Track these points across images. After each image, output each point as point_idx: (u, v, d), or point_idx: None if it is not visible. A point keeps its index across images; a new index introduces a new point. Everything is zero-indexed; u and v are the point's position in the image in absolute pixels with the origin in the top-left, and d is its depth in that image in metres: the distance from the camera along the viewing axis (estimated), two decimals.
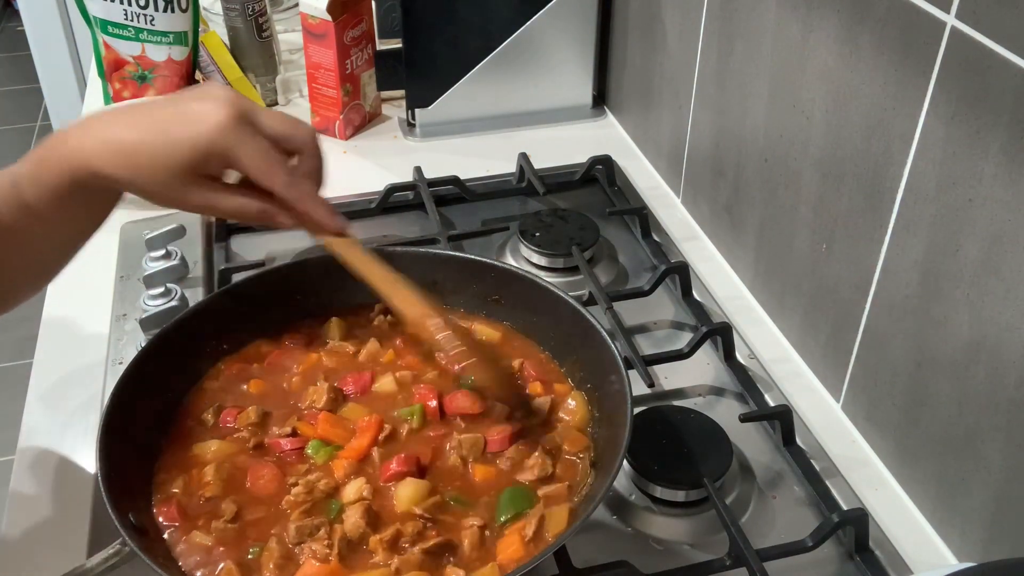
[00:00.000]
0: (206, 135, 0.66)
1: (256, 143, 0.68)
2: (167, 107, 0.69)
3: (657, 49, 1.21)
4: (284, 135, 0.70)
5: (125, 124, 0.68)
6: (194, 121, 0.66)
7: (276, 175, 0.69)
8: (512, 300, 0.84)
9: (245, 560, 0.66)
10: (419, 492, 0.70)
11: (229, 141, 0.66)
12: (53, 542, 0.79)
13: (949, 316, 0.74)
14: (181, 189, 0.68)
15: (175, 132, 0.67)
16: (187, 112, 0.67)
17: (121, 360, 0.94)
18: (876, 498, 0.83)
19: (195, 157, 0.67)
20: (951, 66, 0.70)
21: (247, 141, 0.67)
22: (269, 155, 0.69)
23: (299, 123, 0.72)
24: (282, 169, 0.70)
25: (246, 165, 0.68)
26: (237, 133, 0.66)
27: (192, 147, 0.66)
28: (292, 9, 1.60)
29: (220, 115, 0.66)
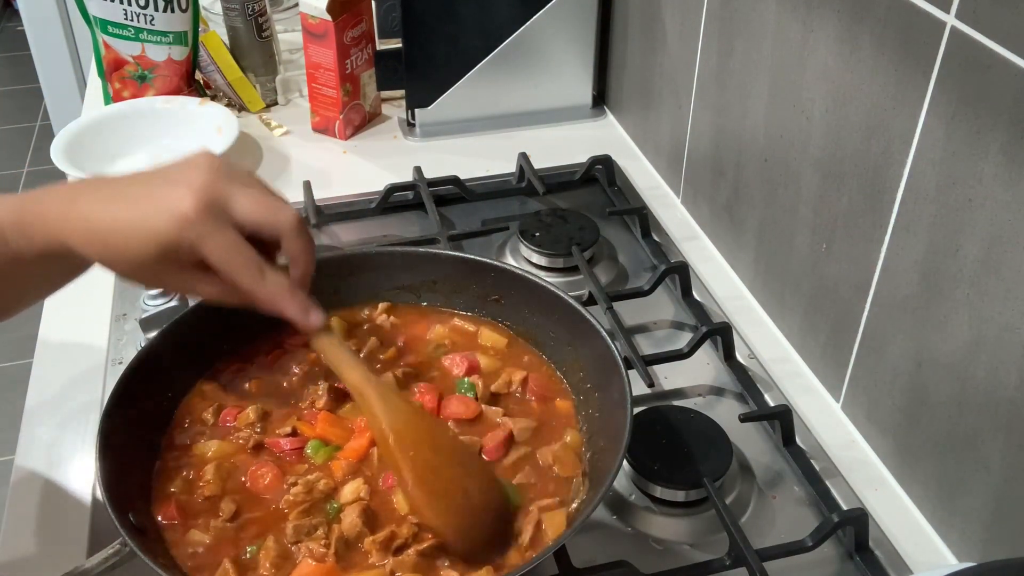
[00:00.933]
0: (172, 229, 0.63)
1: (223, 237, 0.64)
2: (141, 188, 0.66)
3: (657, 49, 1.21)
4: (259, 223, 0.66)
5: (101, 204, 0.65)
6: (162, 210, 0.63)
7: (241, 273, 0.65)
8: (512, 300, 0.84)
9: (242, 559, 0.66)
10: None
11: (194, 235, 0.63)
12: (53, 542, 0.79)
13: (949, 316, 0.74)
14: (155, 275, 0.66)
15: (143, 222, 0.63)
16: (158, 199, 0.64)
17: (121, 360, 0.94)
18: (876, 498, 0.83)
19: (160, 250, 0.63)
20: (951, 66, 0.70)
21: (213, 235, 0.63)
22: (235, 253, 0.65)
23: (278, 206, 0.67)
24: (248, 266, 0.65)
25: (212, 261, 0.64)
26: (203, 226, 0.63)
27: (157, 241, 0.63)
28: (292, 9, 1.60)
29: (187, 206, 0.62)
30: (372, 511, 0.69)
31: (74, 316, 1.03)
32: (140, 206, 0.64)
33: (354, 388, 0.71)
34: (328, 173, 1.27)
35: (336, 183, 1.25)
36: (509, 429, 0.75)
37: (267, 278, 0.67)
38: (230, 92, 1.40)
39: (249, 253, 0.66)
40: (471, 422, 0.76)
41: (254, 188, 0.67)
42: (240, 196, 0.65)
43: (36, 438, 0.88)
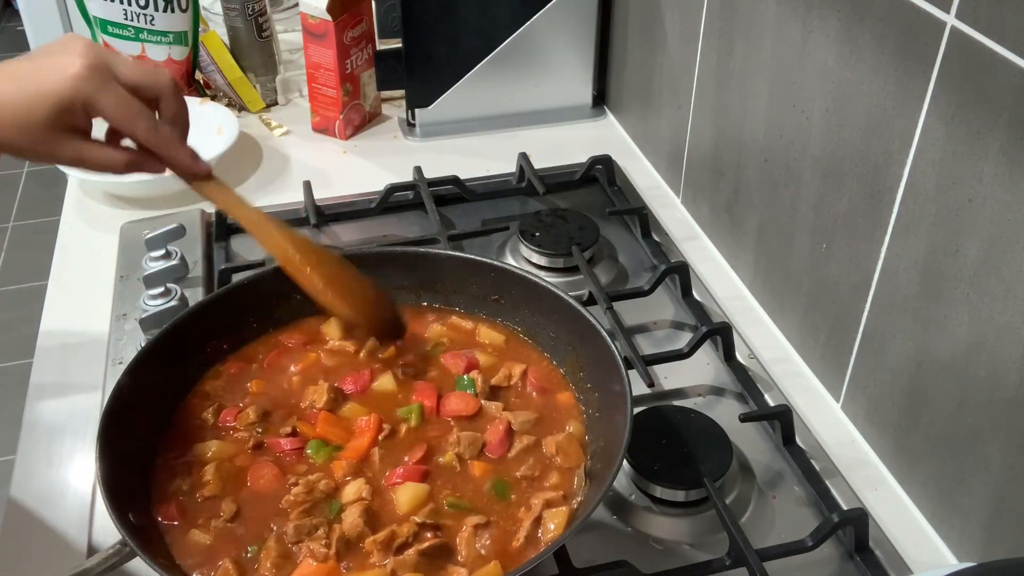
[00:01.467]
0: (67, 87, 0.67)
1: (115, 91, 0.69)
2: (24, 63, 0.69)
3: (657, 49, 1.21)
4: (142, 83, 0.71)
5: None
6: (53, 73, 0.67)
7: (137, 121, 0.70)
8: (512, 300, 0.84)
9: (243, 559, 0.66)
10: (418, 497, 0.70)
11: (89, 90, 0.67)
12: (53, 542, 0.79)
13: (949, 316, 0.74)
14: (48, 142, 0.69)
15: (36, 86, 0.67)
16: (46, 65, 0.68)
17: (121, 360, 0.94)
18: (876, 498, 0.83)
19: (58, 109, 0.67)
20: (951, 66, 0.70)
21: (107, 90, 0.68)
22: (129, 102, 0.69)
23: (156, 71, 0.73)
24: (143, 115, 0.70)
25: (108, 113, 0.69)
26: (96, 82, 0.67)
27: (54, 101, 0.67)
28: (292, 9, 1.60)
29: (77, 65, 0.67)
30: (373, 511, 0.69)
31: (74, 316, 1.03)
32: (31, 76, 0.68)
33: (252, 222, 0.77)
34: (328, 173, 1.27)
35: (336, 183, 1.25)
36: (508, 422, 0.75)
37: (160, 126, 0.72)
38: (230, 92, 1.40)
39: (141, 104, 0.71)
40: (471, 418, 0.77)
41: (131, 59, 0.73)
42: (121, 60, 0.71)
43: (36, 438, 0.88)
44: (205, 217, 1.14)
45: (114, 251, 1.09)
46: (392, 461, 0.73)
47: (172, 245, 1.05)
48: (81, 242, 1.14)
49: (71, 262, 1.11)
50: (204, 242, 1.10)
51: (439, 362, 0.82)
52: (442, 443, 0.75)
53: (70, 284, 1.08)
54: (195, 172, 0.75)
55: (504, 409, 0.77)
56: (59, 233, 1.15)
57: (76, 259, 1.12)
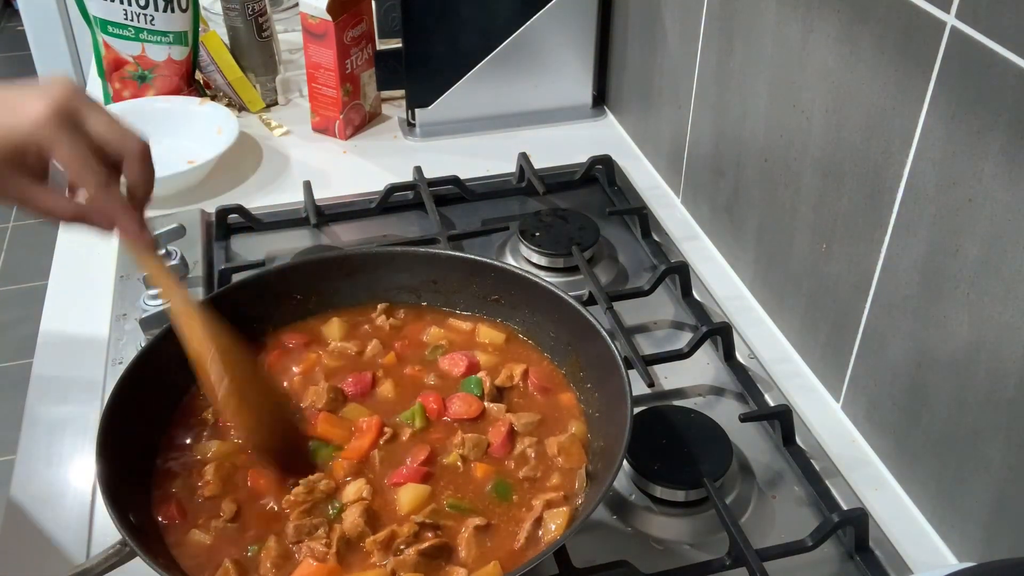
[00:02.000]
0: (22, 129, 0.65)
1: (73, 143, 0.66)
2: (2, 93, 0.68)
3: (657, 49, 1.21)
4: (109, 141, 0.68)
5: None
6: (16, 113, 0.65)
7: (87, 178, 0.67)
8: (512, 300, 0.84)
9: (243, 559, 0.66)
10: (420, 497, 0.70)
11: (45, 137, 0.65)
12: (53, 542, 0.79)
13: (949, 316, 0.74)
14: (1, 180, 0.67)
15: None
16: (13, 102, 0.66)
17: (121, 360, 0.94)
18: (876, 498, 0.83)
19: (11, 150, 0.65)
20: (951, 66, 0.70)
21: (63, 140, 0.66)
22: (84, 157, 0.67)
23: (128, 131, 0.70)
24: (96, 173, 0.67)
25: (62, 162, 0.67)
26: (55, 130, 0.65)
27: (7, 139, 0.65)
28: (292, 9, 1.60)
29: (40, 109, 0.65)
30: (373, 511, 0.69)
31: (74, 316, 1.03)
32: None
33: (178, 310, 0.73)
34: (328, 173, 1.27)
35: (336, 183, 1.25)
36: (510, 423, 0.75)
37: (110, 187, 0.69)
38: (230, 92, 1.40)
39: (97, 162, 0.68)
40: (475, 420, 0.77)
41: (108, 115, 0.70)
42: (94, 114, 0.68)
43: (36, 438, 0.88)
44: (205, 217, 1.14)
45: (114, 251, 1.09)
46: (393, 463, 0.73)
47: (172, 245, 1.05)
48: (81, 242, 1.14)
49: (71, 262, 1.11)
50: (204, 242, 1.10)
51: (439, 366, 0.82)
52: (446, 445, 0.75)
53: (70, 284, 1.08)
54: (137, 240, 0.71)
55: (507, 411, 0.77)
56: (59, 233, 1.15)
57: (76, 259, 1.12)
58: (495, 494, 0.71)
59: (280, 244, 1.11)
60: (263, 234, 1.14)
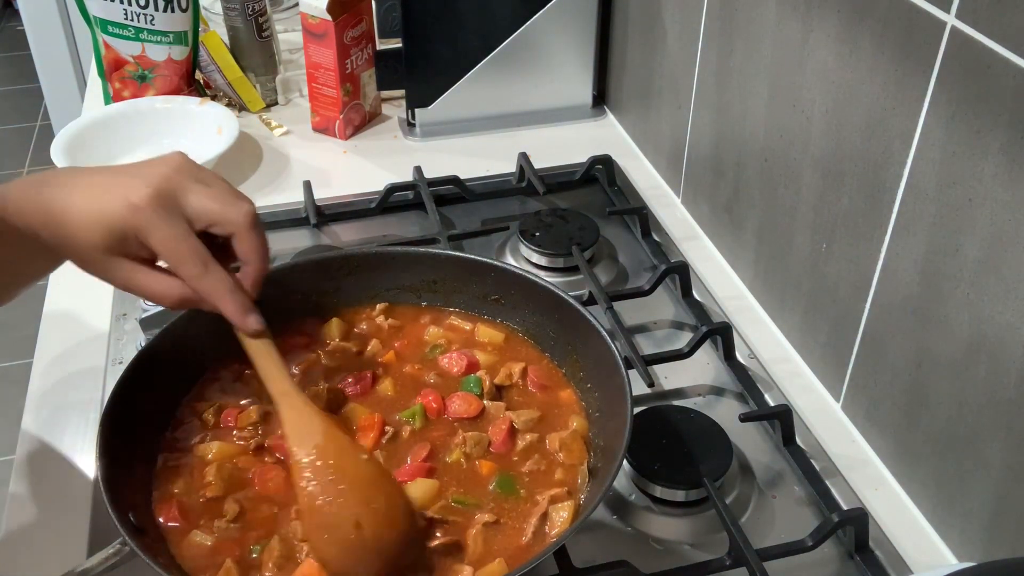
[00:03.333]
0: (118, 214, 0.64)
1: (170, 228, 0.64)
2: (107, 177, 0.67)
3: (657, 49, 1.21)
4: (211, 219, 0.66)
5: (63, 191, 0.66)
6: (117, 197, 0.64)
7: (183, 265, 0.65)
8: (512, 300, 0.84)
9: (245, 559, 0.66)
10: (430, 492, 0.70)
11: (142, 223, 0.64)
12: (53, 542, 0.79)
13: (949, 316, 0.74)
14: (102, 265, 0.66)
15: (96, 207, 0.64)
16: (115, 186, 0.65)
17: (121, 360, 0.94)
18: (876, 498, 0.83)
19: (108, 236, 0.64)
20: (951, 66, 0.70)
21: (160, 226, 0.64)
22: (181, 242, 0.65)
23: (232, 202, 0.67)
24: (192, 258, 0.65)
25: (157, 250, 0.65)
26: (152, 215, 0.63)
27: (107, 226, 0.64)
28: (292, 9, 1.60)
29: (139, 194, 0.64)
30: None
31: (74, 316, 1.03)
32: (96, 194, 0.65)
33: (274, 401, 0.70)
34: (328, 173, 1.27)
35: (336, 183, 1.25)
36: (510, 420, 0.75)
37: (210, 272, 0.66)
38: (230, 92, 1.40)
39: (195, 245, 0.66)
40: (475, 419, 0.77)
41: (214, 187, 0.67)
42: (196, 191, 0.66)
43: (36, 438, 0.88)
44: None
45: None
46: (396, 462, 0.73)
47: None
48: None
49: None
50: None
51: (439, 364, 0.82)
52: (447, 443, 0.75)
53: (70, 284, 1.08)
54: (241, 328, 0.70)
55: (507, 408, 0.77)
56: None
57: None
58: (500, 489, 0.71)
59: (280, 244, 1.11)
60: None
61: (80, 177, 0.68)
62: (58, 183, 0.67)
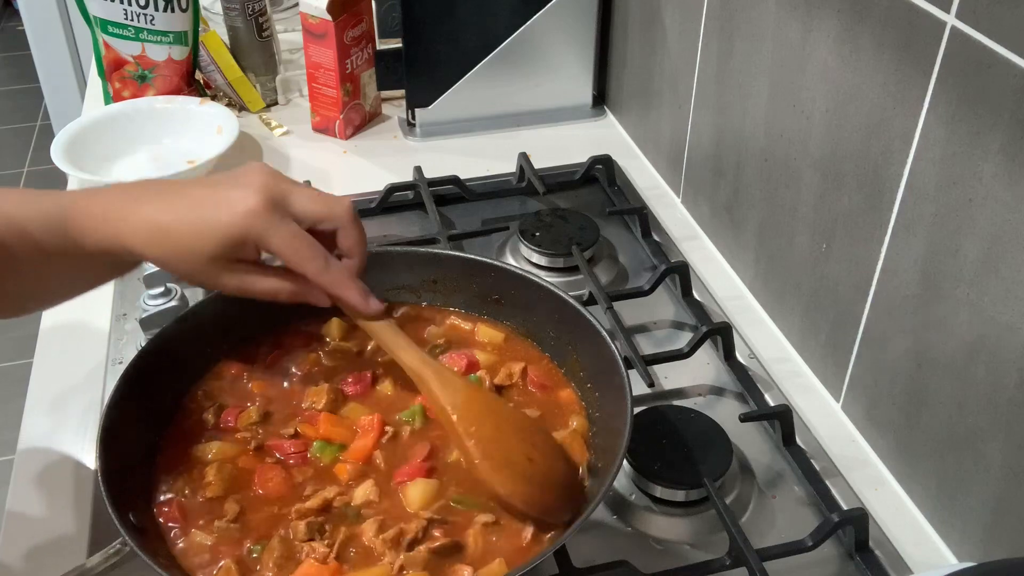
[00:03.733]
0: (238, 223, 0.66)
1: (287, 229, 0.68)
2: (203, 190, 0.69)
3: (657, 49, 1.21)
4: (318, 217, 0.70)
5: (164, 204, 0.68)
6: (227, 208, 0.67)
7: (307, 261, 0.69)
8: (512, 300, 0.84)
9: (245, 559, 0.66)
10: (429, 492, 0.70)
11: (260, 228, 0.67)
12: (53, 542, 0.79)
13: (949, 316, 0.74)
14: (214, 273, 0.69)
15: (209, 219, 0.67)
16: (221, 198, 0.68)
17: (121, 360, 0.94)
18: (876, 498, 0.83)
19: (227, 244, 0.67)
20: (951, 66, 0.70)
21: (278, 228, 0.67)
22: (300, 241, 0.69)
23: (333, 200, 0.72)
24: (314, 254, 0.69)
25: (278, 252, 0.69)
26: (268, 219, 0.67)
27: (224, 235, 0.67)
28: (292, 9, 1.60)
29: (252, 202, 0.67)
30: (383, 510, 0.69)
31: (74, 316, 1.03)
32: (206, 205, 0.68)
33: (413, 372, 0.74)
34: (328, 173, 1.27)
35: (336, 183, 1.25)
36: None
37: (331, 265, 0.71)
38: (230, 92, 1.40)
39: (313, 242, 0.70)
40: None
41: (310, 189, 0.72)
42: (298, 193, 0.70)
43: (36, 438, 0.88)
44: None
45: None
46: (396, 462, 0.73)
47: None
48: None
49: None
50: None
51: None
52: (447, 443, 0.74)
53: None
54: (365, 313, 0.74)
55: None
56: None
57: None
58: None
59: None
60: None
61: (176, 191, 0.70)
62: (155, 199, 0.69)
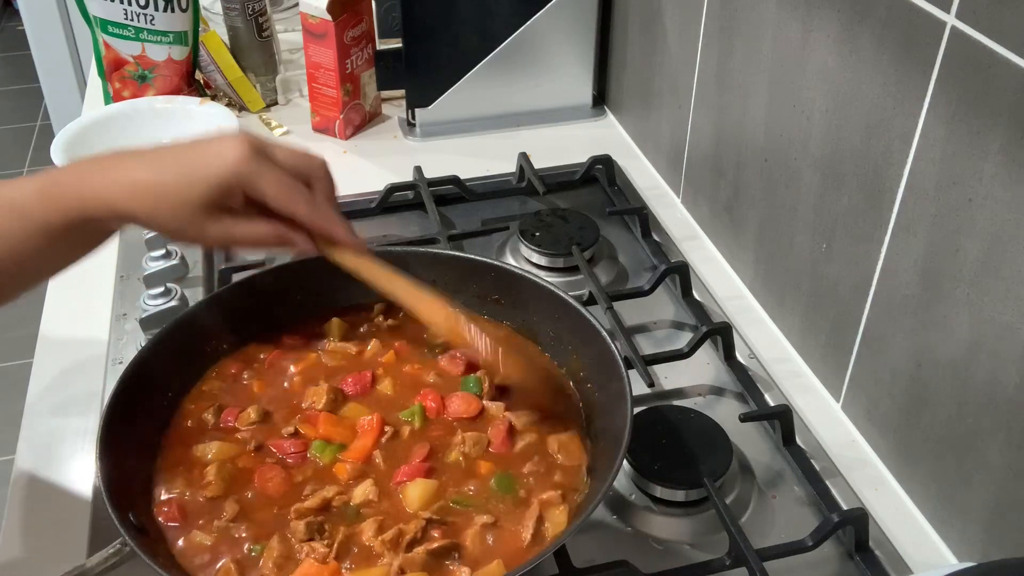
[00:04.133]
0: (229, 168, 0.69)
1: (274, 173, 0.71)
2: (184, 148, 0.71)
3: (657, 49, 1.21)
4: (297, 166, 0.73)
5: (146, 166, 0.70)
6: (214, 157, 0.69)
7: (298, 201, 0.72)
8: (512, 300, 0.84)
9: (245, 558, 0.66)
10: (429, 492, 0.70)
11: (250, 173, 0.69)
12: (53, 542, 0.79)
13: (949, 316, 0.74)
14: (201, 223, 0.70)
15: (197, 169, 0.69)
16: (206, 150, 0.70)
17: (121, 360, 0.94)
18: (876, 498, 0.83)
19: (217, 191, 0.69)
20: (951, 66, 0.70)
21: (267, 172, 0.70)
22: (289, 183, 0.72)
23: (309, 154, 0.75)
24: (303, 196, 0.73)
25: (269, 194, 0.71)
26: (256, 165, 0.69)
27: (215, 182, 0.69)
28: (292, 9, 1.60)
29: (239, 150, 0.69)
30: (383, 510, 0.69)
31: (74, 316, 1.03)
32: (192, 157, 0.70)
33: (403, 300, 0.78)
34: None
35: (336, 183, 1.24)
36: (509, 421, 0.75)
37: (319, 204, 0.74)
38: (230, 92, 1.40)
39: (300, 185, 0.73)
40: (474, 420, 0.77)
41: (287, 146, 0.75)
42: (276, 146, 0.73)
43: (36, 438, 0.88)
44: None
45: (114, 251, 1.09)
46: (395, 461, 0.73)
47: (172, 245, 1.05)
48: None
49: None
50: None
51: (438, 365, 0.82)
52: (446, 443, 0.75)
53: (70, 284, 1.08)
54: (353, 246, 0.77)
55: (506, 409, 0.77)
56: None
57: None
58: (498, 490, 0.71)
59: None
60: None
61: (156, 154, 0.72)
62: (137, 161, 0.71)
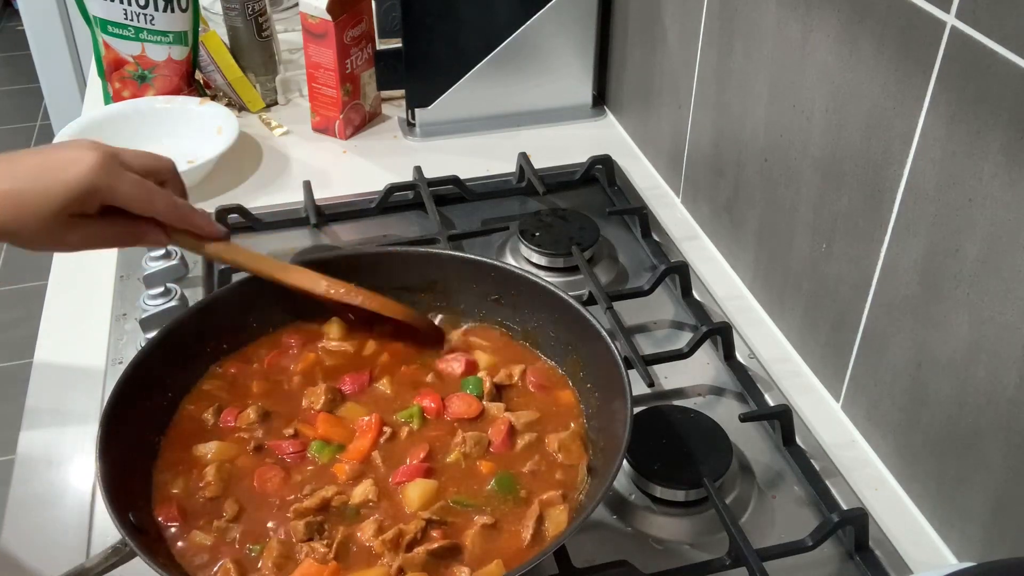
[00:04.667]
0: (85, 177, 0.70)
1: (130, 177, 0.73)
2: (35, 156, 0.72)
3: (657, 49, 1.21)
4: (149, 168, 0.76)
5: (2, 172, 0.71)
6: (68, 165, 0.71)
7: (157, 200, 0.75)
8: (512, 300, 0.84)
9: (244, 558, 0.66)
10: (428, 492, 0.70)
11: (106, 179, 0.71)
12: (53, 542, 0.79)
13: (949, 316, 0.74)
14: (59, 231, 0.72)
15: (51, 177, 0.70)
16: (62, 159, 0.71)
17: (121, 360, 0.94)
18: (876, 498, 0.83)
19: (75, 199, 0.70)
20: (951, 66, 0.70)
21: (122, 178, 0.72)
22: (145, 185, 0.74)
23: (157, 155, 0.78)
24: (160, 196, 0.75)
25: (127, 198, 0.73)
26: (110, 171, 0.71)
27: (73, 190, 0.70)
28: (292, 9, 1.60)
29: (92, 158, 0.71)
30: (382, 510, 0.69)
31: (74, 316, 1.03)
32: (47, 167, 0.71)
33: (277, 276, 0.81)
34: (328, 173, 1.27)
35: (336, 183, 1.25)
36: (508, 421, 0.75)
37: (176, 202, 0.77)
38: (230, 92, 1.40)
39: (154, 185, 0.75)
40: (474, 420, 0.77)
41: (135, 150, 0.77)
42: (125, 151, 0.75)
43: (36, 438, 0.88)
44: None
45: (114, 251, 1.09)
46: (394, 462, 0.73)
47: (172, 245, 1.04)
48: None
49: (71, 262, 1.11)
50: None
51: (437, 366, 0.82)
52: (446, 443, 0.75)
53: (70, 284, 1.08)
54: (214, 234, 0.80)
55: (506, 409, 0.77)
56: None
57: (76, 259, 1.11)
58: (498, 490, 0.71)
59: (280, 244, 1.11)
60: (263, 234, 1.14)
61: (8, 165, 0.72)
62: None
